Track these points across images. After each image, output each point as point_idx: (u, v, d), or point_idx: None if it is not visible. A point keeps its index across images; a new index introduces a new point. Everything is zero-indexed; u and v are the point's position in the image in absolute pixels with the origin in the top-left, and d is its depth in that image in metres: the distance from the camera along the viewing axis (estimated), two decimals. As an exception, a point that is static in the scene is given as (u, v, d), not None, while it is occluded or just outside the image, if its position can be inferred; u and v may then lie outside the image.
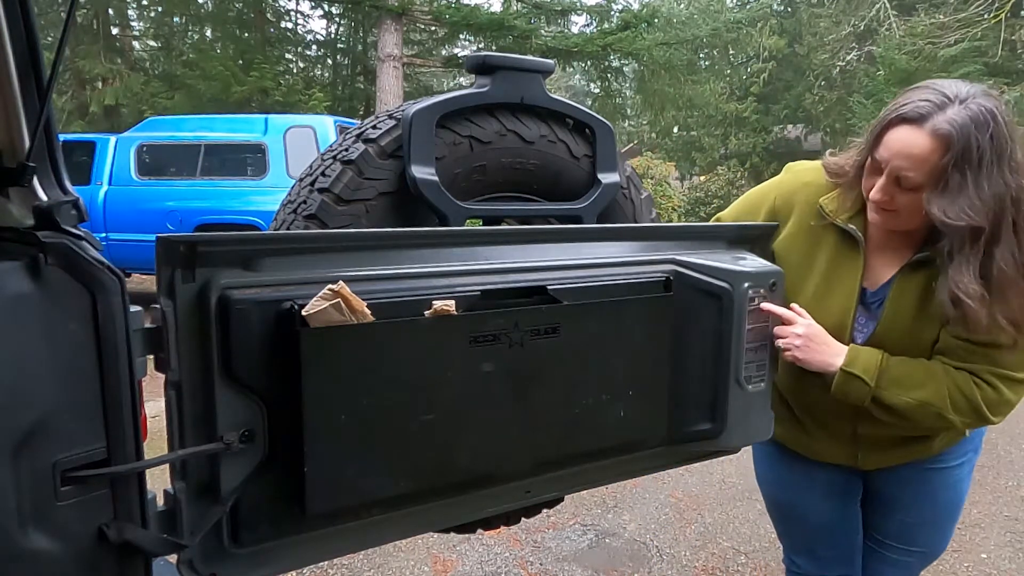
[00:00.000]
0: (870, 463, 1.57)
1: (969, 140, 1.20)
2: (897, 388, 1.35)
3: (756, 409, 1.37)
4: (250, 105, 12.02)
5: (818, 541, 1.69)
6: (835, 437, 1.55)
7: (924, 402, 1.34)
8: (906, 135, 1.25)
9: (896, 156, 1.26)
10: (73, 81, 13.54)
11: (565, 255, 1.23)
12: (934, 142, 1.22)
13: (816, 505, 1.66)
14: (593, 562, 2.92)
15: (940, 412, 1.33)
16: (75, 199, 0.89)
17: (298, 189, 1.31)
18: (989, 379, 1.33)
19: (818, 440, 1.58)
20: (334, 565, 2.80)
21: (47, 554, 0.82)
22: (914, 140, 1.24)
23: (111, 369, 0.85)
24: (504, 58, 1.36)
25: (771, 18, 16.99)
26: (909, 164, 1.24)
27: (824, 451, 1.59)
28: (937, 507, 1.61)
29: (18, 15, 0.83)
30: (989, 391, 1.33)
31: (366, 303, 0.95)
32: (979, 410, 1.33)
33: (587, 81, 18.53)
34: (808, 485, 1.66)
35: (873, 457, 1.56)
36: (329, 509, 0.99)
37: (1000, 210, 1.22)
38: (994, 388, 1.33)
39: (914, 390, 1.34)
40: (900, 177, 1.26)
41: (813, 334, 1.37)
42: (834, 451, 1.58)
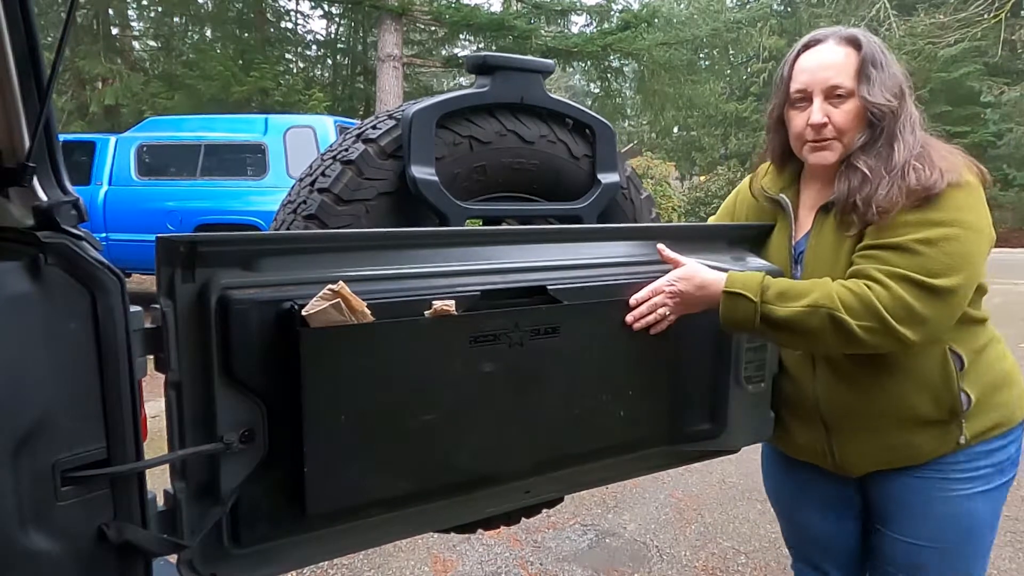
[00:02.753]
0: (849, 461, 1.46)
1: (868, 41, 1.36)
2: (782, 300, 1.27)
3: (756, 409, 1.37)
4: (250, 105, 12.02)
5: (818, 553, 1.64)
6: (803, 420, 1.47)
7: (812, 305, 1.25)
8: (820, 54, 1.37)
9: (819, 71, 1.35)
10: (73, 81, 13.54)
11: (565, 255, 1.23)
12: (846, 47, 1.36)
13: (813, 516, 1.61)
14: (593, 562, 2.92)
15: (832, 312, 1.23)
16: (75, 199, 0.89)
17: (298, 189, 1.32)
18: (879, 278, 1.25)
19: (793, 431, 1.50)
20: (334, 565, 2.79)
21: (47, 554, 0.82)
22: (829, 53, 1.36)
23: (111, 369, 0.85)
24: (504, 58, 1.37)
25: (771, 18, 17.01)
26: (834, 73, 1.34)
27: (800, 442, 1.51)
28: (942, 529, 1.42)
29: (18, 15, 0.83)
30: (881, 291, 1.23)
31: (366, 303, 0.95)
32: (877, 313, 1.22)
33: (587, 81, 18.53)
34: (806, 496, 1.60)
35: (849, 451, 1.44)
36: (329, 509, 0.99)
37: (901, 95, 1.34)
38: (887, 288, 1.23)
39: (800, 298, 1.27)
40: (832, 88, 1.34)
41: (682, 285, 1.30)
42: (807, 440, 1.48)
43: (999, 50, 14.62)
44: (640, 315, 1.27)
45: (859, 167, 1.33)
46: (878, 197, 1.29)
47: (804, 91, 1.36)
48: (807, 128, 1.36)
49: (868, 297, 1.23)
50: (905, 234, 1.27)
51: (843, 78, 1.34)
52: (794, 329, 1.27)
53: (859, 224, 1.32)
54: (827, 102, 1.35)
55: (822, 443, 1.46)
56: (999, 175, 18.13)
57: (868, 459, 1.44)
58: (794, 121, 1.39)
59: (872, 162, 1.32)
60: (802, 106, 1.37)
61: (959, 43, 14.34)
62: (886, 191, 1.29)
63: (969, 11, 13.13)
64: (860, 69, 1.33)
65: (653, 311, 1.27)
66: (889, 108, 1.32)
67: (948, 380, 1.36)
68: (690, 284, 1.29)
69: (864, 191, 1.31)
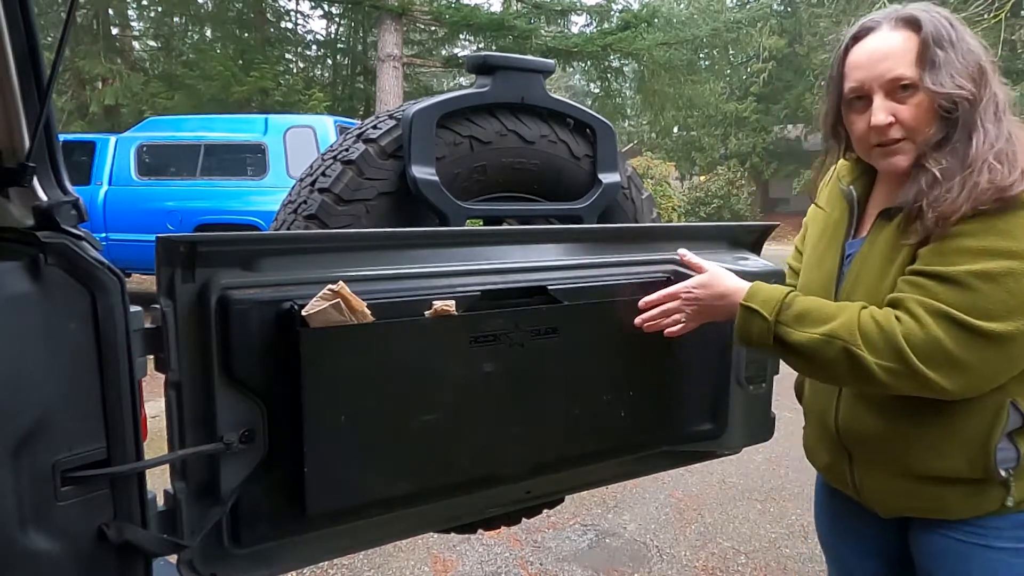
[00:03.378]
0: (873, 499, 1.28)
1: (932, 19, 1.15)
2: (799, 324, 1.12)
3: (757, 410, 1.37)
4: (250, 105, 12.01)
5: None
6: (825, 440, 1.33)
7: (829, 334, 1.09)
8: (874, 43, 1.17)
9: (876, 64, 1.15)
10: (73, 81, 13.53)
11: (565, 255, 1.23)
12: (904, 30, 1.15)
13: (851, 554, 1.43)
14: (593, 562, 2.92)
15: (847, 346, 1.07)
16: (75, 199, 0.89)
17: (298, 189, 1.32)
18: (916, 311, 1.06)
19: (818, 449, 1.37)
20: (334, 565, 2.79)
21: (47, 554, 0.82)
22: (884, 41, 1.16)
23: (111, 369, 0.85)
24: (504, 58, 1.37)
25: (771, 18, 16.99)
26: (893, 63, 1.14)
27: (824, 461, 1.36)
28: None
29: (18, 15, 0.83)
30: (914, 327, 1.05)
31: (366, 303, 0.95)
32: (901, 352, 1.04)
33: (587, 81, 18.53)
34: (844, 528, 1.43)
35: (871, 487, 1.27)
36: (329, 509, 0.99)
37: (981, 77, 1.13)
38: (918, 321, 1.05)
39: (819, 324, 1.11)
40: (892, 81, 1.14)
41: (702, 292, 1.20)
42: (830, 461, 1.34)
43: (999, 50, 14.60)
44: (650, 319, 1.21)
45: (929, 167, 1.12)
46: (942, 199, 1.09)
47: (862, 88, 1.17)
48: (870, 132, 1.16)
49: (893, 333, 1.06)
50: (961, 263, 1.06)
51: (904, 67, 1.13)
52: (809, 358, 1.13)
53: (922, 233, 1.11)
54: (889, 98, 1.14)
55: (844, 470, 1.30)
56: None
57: (893, 501, 1.26)
58: (855, 125, 1.20)
59: (947, 160, 1.11)
60: (861, 106, 1.18)
61: (959, 43, 14.32)
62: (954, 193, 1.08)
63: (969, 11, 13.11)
64: (922, 53, 1.12)
65: (667, 316, 1.21)
66: (963, 96, 1.10)
67: (988, 437, 1.14)
68: (709, 292, 1.20)
69: (932, 194, 1.10)
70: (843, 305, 1.15)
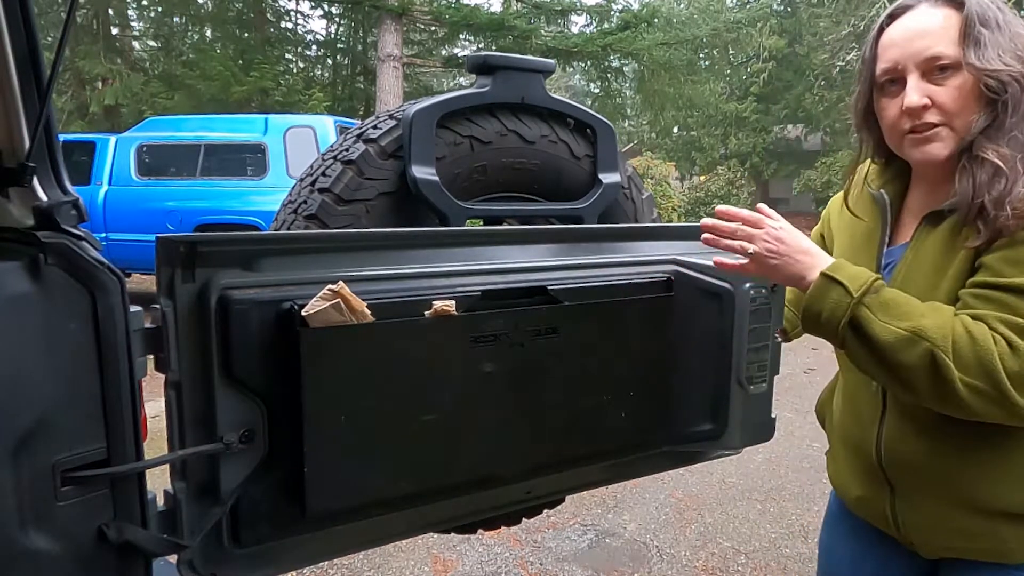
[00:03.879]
0: (916, 536, 1.16)
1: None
2: (884, 312, 0.99)
3: (758, 410, 1.37)
4: (250, 105, 12.02)
5: None
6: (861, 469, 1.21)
7: (916, 332, 0.96)
8: (911, 20, 1.07)
9: (913, 42, 1.05)
10: (73, 81, 13.54)
11: (565, 255, 1.23)
12: (944, 7, 1.05)
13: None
14: (593, 562, 2.92)
15: (935, 350, 0.95)
16: (75, 199, 0.89)
17: (298, 189, 1.32)
18: (1004, 332, 0.95)
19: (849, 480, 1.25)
20: (334, 565, 2.79)
21: (47, 554, 0.82)
22: (924, 18, 1.06)
23: (111, 369, 0.85)
24: (505, 58, 1.36)
25: (771, 18, 16.98)
26: (931, 40, 1.04)
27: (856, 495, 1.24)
28: None
29: (18, 15, 0.83)
30: (1006, 348, 0.94)
31: (366, 303, 0.95)
32: (994, 374, 0.93)
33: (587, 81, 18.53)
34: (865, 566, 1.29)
35: (915, 523, 1.15)
36: (329, 509, 0.99)
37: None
38: (1013, 348, 0.94)
39: (906, 319, 0.98)
40: (930, 59, 1.03)
41: (787, 237, 1.05)
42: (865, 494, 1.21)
43: (999, 50, 14.57)
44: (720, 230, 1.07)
45: (987, 157, 1.00)
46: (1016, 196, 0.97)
47: (895, 69, 1.07)
48: (903, 116, 1.06)
49: (989, 351, 0.94)
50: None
51: (944, 45, 1.03)
52: (883, 354, 0.99)
53: (987, 234, 0.99)
54: (926, 79, 1.05)
55: (883, 504, 1.18)
56: (999, 175, 18.05)
57: (939, 539, 1.13)
58: (887, 111, 1.10)
59: (1005, 150, 1.00)
60: (894, 90, 1.08)
61: (959, 43, 14.29)
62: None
63: (969, 11, 13.09)
64: (965, 31, 1.02)
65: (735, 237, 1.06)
66: (1013, 75, 1.00)
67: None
68: (794, 240, 1.05)
69: (996, 189, 0.98)
70: (935, 305, 1.01)
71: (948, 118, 1.05)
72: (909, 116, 1.06)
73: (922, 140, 1.07)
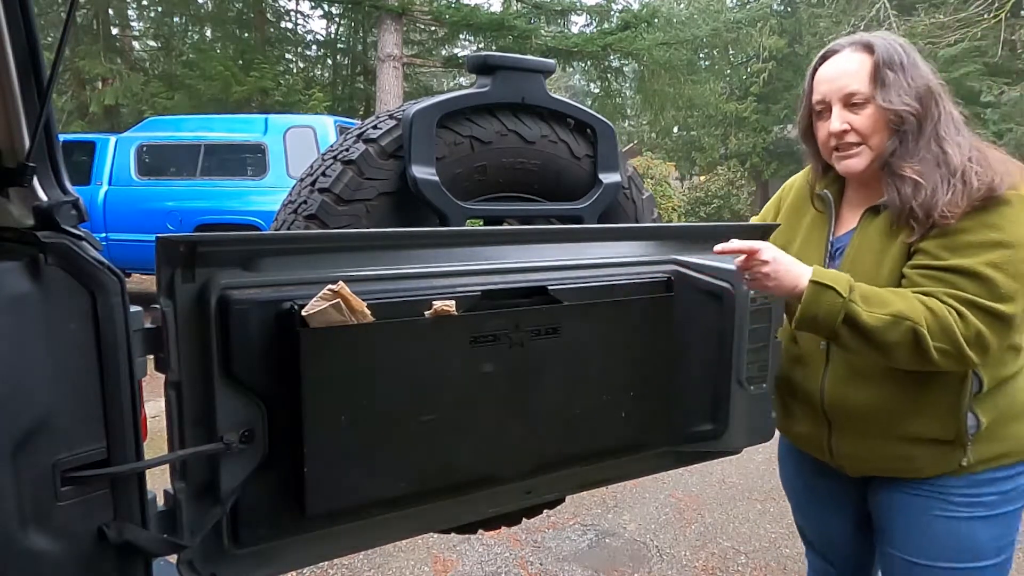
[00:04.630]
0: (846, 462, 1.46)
1: (886, 45, 1.35)
2: (867, 304, 1.24)
3: (757, 410, 1.37)
4: (250, 105, 12.02)
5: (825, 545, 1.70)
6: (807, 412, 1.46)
7: (898, 315, 1.22)
8: (836, 63, 1.39)
9: (836, 80, 1.37)
10: (73, 81, 13.54)
11: (566, 255, 1.22)
12: (861, 54, 1.36)
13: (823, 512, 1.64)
14: (593, 562, 2.92)
15: (915, 327, 1.21)
16: (75, 199, 0.89)
17: (298, 189, 1.31)
18: (953, 304, 1.23)
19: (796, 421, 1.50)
20: (334, 565, 2.79)
21: (47, 554, 0.82)
22: (844, 62, 1.38)
23: (111, 369, 0.85)
24: (505, 58, 1.36)
25: (771, 18, 16.98)
26: (849, 79, 1.35)
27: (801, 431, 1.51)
28: (938, 549, 1.39)
29: (18, 15, 0.83)
30: (957, 317, 1.23)
31: (366, 303, 0.95)
32: (954, 338, 1.21)
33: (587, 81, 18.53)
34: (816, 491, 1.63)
35: (846, 452, 1.43)
36: (329, 509, 0.99)
37: (928, 97, 1.33)
38: (961, 317, 1.23)
39: (885, 307, 1.24)
40: (848, 95, 1.35)
41: (778, 257, 1.27)
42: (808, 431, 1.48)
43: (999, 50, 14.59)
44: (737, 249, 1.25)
45: (906, 175, 1.31)
46: (941, 202, 1.26)
47: (824, 101, 1.38)
48: (830, 137, 1.38)
49: (948, 321, 1.22)
50: (972, 255, 1.25)
51: (859, 84, 1.34)
52: (872, 337, 1.23)
53: (920, 230, 1.29)
54: (846, 109, 1.36)
55: (822, 438, 1.46)
56: (999, 175, 18.04)
57: (865, 464, 1.45)
58: (820, 132, 1.42)
59: (920, 167, 1.30)
60: (825, 116, 1.39)
61: (959, 43, 14.31)
62: (948, 196, 1.26)
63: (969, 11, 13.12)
64: (874, 73, 1.33)
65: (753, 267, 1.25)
66: (909, 112, 1.31)
67: (959, 403, 1.32)
68: (780, 257, 1.27)
69: (920, 197, 1.28)
70: (897, 291, 1.28)
71: (864, 139, 1.36)
72: (834, 137, 1.37)
73: (845, 156, 1.38)
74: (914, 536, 1.42)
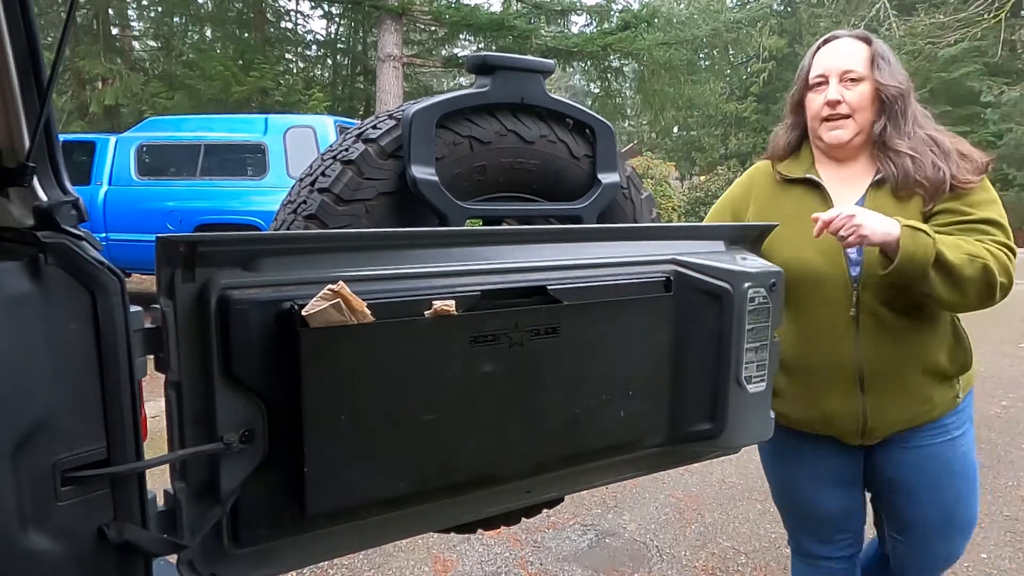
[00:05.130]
0: (879, 424, 1.58)
1: (877, 41, 1.61)
2: (946, 247, 1.40)
3: (756, 409, 1.37)
4: (250, 105, 12.02)
5: (830, 527, 1.76)
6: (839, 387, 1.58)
7: (972, 254, 1.42)
8: (838, 46, 1.61)
9: (836, 57, 1.59)
10: (73, 81, 13.54)
11: (565, 255, 1.23)
12: (860, 43, 1.60)
13: (824, 492, 1.71)
14: (593, 562, 2.92)
15: (987, 264, 1.42)
16: (75, 199, 0.89)
17: (298, 189, 1.31)
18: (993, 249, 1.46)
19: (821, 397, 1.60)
20: (334, 565, 2.80)
21: (47, 554, 0.82)
22: (847, 46, 1.60)
23: (111, 369, 0.85)
24: (504, 58, 1.36)
25: (771, 18, 17.00)
26: (848, 59, 1.58)
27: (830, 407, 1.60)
28: (957, 480, 1.65)
29: (18, 15, 0.83)
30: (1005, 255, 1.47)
31: (366, 303, 0.95)
32: (1010, 273, 1.46)
33: (587, 81, 18.53)
34: (816, 471, 1.70)
35: (881, 412, 1.56)
36: (329, 509, 0.99)
37: (908, 90, 1.58)
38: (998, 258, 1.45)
39: (959, 247, 1.42)
40: (846, 71, 1.57)
41: (859, 210, 1.43)
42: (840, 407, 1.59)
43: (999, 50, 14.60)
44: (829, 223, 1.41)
45: (902, 151, 1.53)
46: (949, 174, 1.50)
47: (823, 75, 1.59)
48: (823, 107, 1.58)
49: (1003, 259, 1.46)
50: (989, 210, 1.51)
51: (856, 64, 1.57)
52: (954, 273, 1.41)
53: (932, 197, 1.51)
54: (842, 84, 1.57)
55: (856, 407, 1.57)
56: (999, 175, 18.11)
57: (896, 420, 1.58)
58: (813, 103, 1.61)
59: (913, 144, 1.53)
60: (821, 88, 1.59)
61: (959, 43, 14.32)
62: (956, 169, 1.51)
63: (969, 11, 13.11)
64: (872, 59, 1.57)
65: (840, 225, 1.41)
66: (900, 90, 1.55)
67: (959, 336, 1.61)
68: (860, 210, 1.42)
69: (923, 172, 1.51)
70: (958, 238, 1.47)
71: (853, 112, 1.57)
72: (829, 106, 1.57)
73: (833, 126, 1.59)
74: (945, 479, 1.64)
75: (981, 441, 4.30)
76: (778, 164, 1.72)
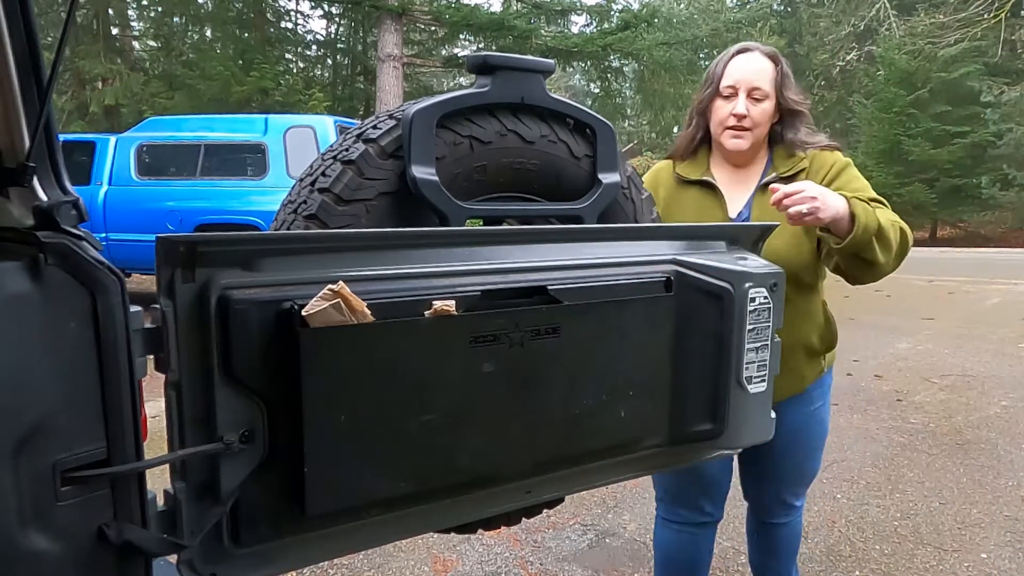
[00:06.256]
0: None
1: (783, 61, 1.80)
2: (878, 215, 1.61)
3: (757, 410, 1.37)
4: (250, 105, 12.03)
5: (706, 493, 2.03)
6: None
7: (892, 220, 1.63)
8: (749, 60, 1.77)
9: (747, 74, 1.76)
10: (73, 81, 13.55)
11: (566, 255, 1.22)
12: (769, 60, 1.79)
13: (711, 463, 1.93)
14: (593, 562, 2.92)
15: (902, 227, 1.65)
16: (75, 199, 0.89)
17: (298, 189, 1.31)
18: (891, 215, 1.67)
19: None
20: (334, 565, 2.80)
21: (47, 554, 0.82)
22: (756, 61, 1.77)
23: (111, 369, 0.85)
24: (505, 58, 1.36)
25: (771, 18, 17.01)
26: (758, 78, 1.76)
27: None
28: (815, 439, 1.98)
29: (18, 15, 0.83)
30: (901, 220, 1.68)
31: (366, 303, 0.95)
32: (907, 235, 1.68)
33: (587, 81, 18.54)
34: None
35: None
36: (329, 509, 0.99)
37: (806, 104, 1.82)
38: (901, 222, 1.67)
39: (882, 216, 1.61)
40: (754, 88, 1.75)
41: (819, 189, 1.57)
42: None
43: (999, 50, 14.61)
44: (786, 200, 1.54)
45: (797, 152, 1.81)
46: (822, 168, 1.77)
47: (734, 87, 1.76)
48: (730, 116, 1.76)
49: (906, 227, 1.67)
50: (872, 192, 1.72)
51: (764, 83, 1.76)
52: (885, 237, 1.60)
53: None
54: (749, 99, 1.75)
55: None
56: (999, 175, 18.10)
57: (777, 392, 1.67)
58: (720, 110, 1.78)
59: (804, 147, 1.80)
60: (730, 99, 1.76)
61: (959, 43, 14.33)
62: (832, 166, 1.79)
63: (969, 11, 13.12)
64: (778, 78, 1.78)
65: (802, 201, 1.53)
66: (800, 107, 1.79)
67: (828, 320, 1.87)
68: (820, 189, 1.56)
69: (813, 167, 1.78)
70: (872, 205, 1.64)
71: (754, 126, 1.77)
72: (735, 117, 1.76)
73: (736, 135, 1.78)
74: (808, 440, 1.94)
75: (981, 441, 4.31)
76: (678, 165, 1.89)
